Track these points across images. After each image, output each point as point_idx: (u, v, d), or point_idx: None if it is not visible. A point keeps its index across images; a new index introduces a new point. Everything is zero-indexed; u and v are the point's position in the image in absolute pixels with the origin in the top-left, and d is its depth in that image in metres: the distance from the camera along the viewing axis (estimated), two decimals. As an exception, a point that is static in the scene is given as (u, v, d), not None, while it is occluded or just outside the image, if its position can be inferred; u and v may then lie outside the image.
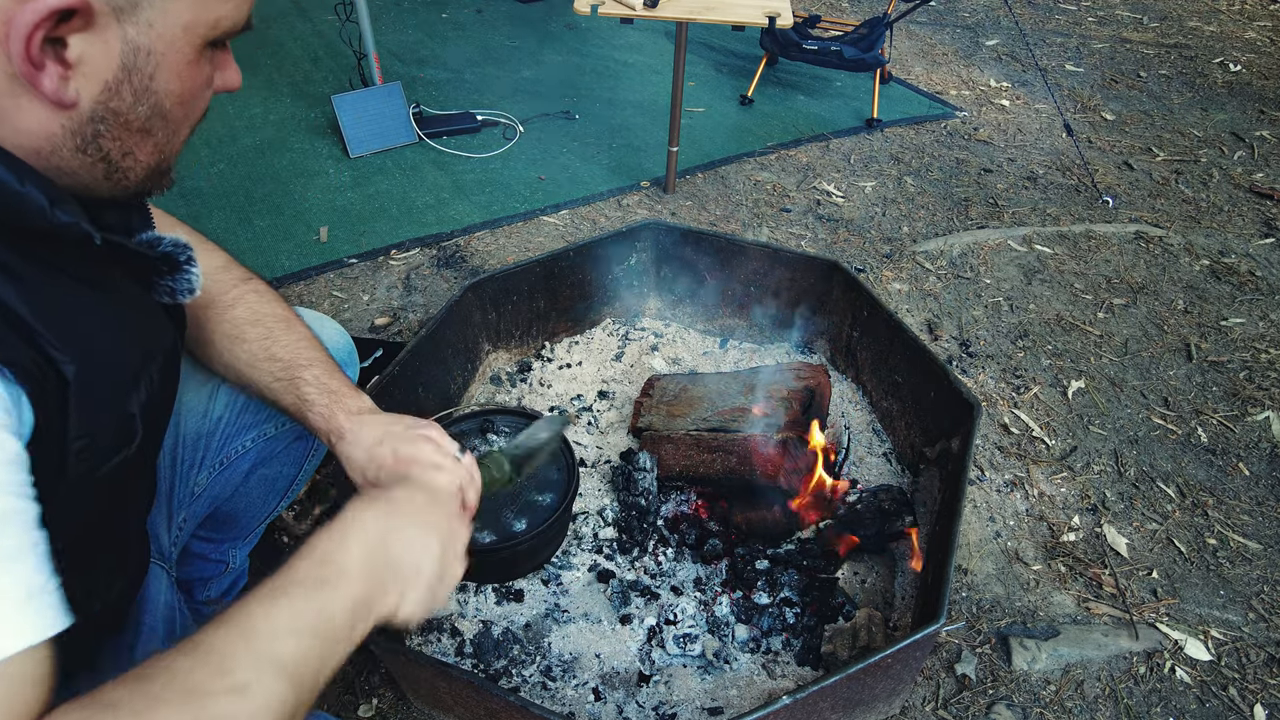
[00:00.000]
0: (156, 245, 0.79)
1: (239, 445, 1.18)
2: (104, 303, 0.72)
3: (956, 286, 2.67)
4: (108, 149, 0.67)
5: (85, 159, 0.66)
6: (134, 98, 0.65)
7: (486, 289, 2.03)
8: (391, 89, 3.33)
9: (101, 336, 0.70)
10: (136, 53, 0.63)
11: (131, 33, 0.62)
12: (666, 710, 1.47)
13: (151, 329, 0.82)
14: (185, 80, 0.68)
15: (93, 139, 0.65)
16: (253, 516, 1.30)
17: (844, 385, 2.16)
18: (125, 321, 0.76)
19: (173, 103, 0.68)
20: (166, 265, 0.80)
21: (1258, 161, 3.55)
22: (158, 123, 0.69)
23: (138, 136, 0.68)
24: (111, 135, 0.66)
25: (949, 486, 1.61)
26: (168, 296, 0.81)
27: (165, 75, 0.66)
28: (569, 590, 1.66)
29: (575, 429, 2.04)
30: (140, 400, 0.77)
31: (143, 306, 0.80)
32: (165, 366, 0.83)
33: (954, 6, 5.25)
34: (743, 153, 3.43)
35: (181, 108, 0.70)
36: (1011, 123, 3.80)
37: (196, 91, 0.70)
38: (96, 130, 0.65)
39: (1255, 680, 1.61)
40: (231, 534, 1.32)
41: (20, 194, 0.60)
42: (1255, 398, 2.28)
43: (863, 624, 1.53)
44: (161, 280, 0.80)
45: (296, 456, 1.27)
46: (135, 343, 0.77)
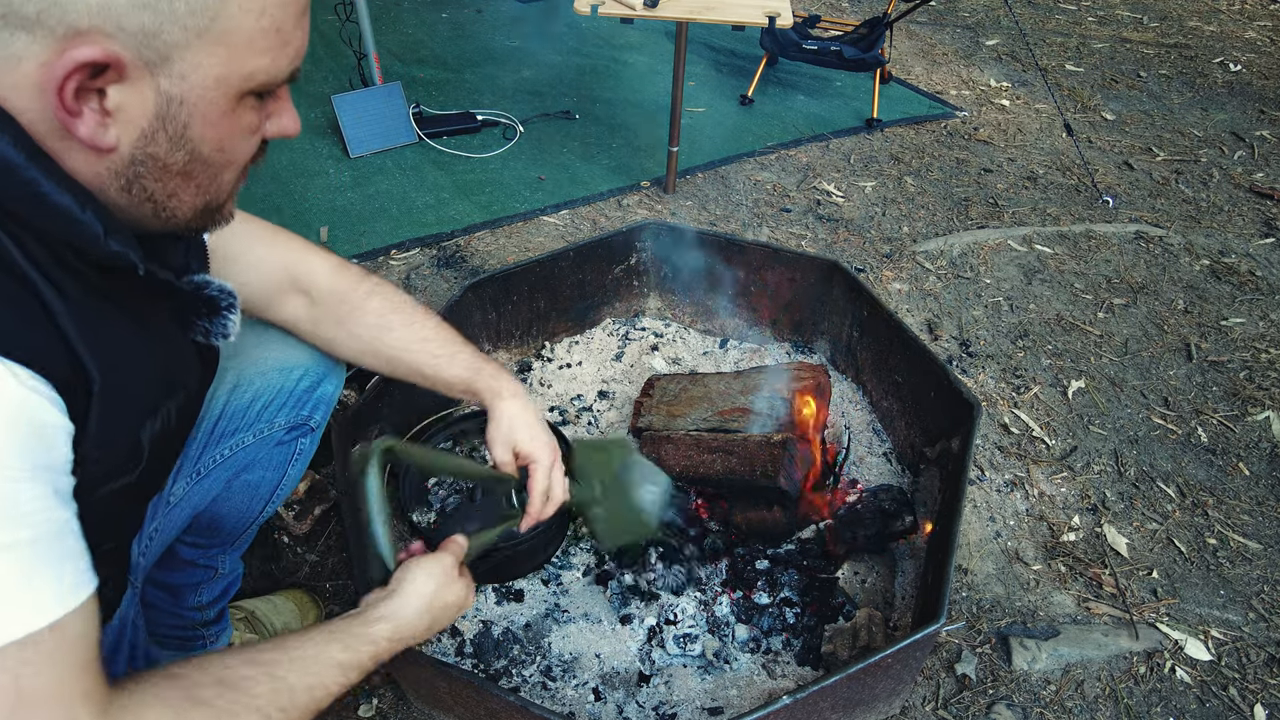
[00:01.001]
0: (204, 288, 0.84)
1: (215, 455, 1.17)
2: (140, 331, 0.77)
3: (956, 286, 2.67)
4: (151, 190, 0.70)
5: (131, 198, 0.70)
6: (170, 144, 0.68)
7: (486, 289, 2.03)
8: (391, 89, 3.33)
9: (131, 361, 0.74)
10: (170, 102, 0.66)
11: (165, 84, 0.65)
12: (667, 710, 1.47)
13: (180, 366, 0.86)
14: (220, 129, 0.71)
15: (135, 180, 0.69)
16: (237, 523, 1.29)
17: (844, 385, 2.16)
18: (155, 352, 0.80)
19: (210, 149, 0.71)
20: (207, 308, 0.85)
21: (1258, 161, 3.55)
22: (197, 167, 0.72)
23: (179, 179, 0.71)
24: (153, 177, 0.70)
25: (949, 486, 1.61)
26: (202, 336, 0.86)
27: (199, 124, 0.69)
28: (569, 590, 1.66)
29: (576, 429, 2.04)
30: (153, 430, 0.81)
31: (176, 344, 0.86)
32: (185, 406, 0.88)
33: (954, 6, 5.25)
34: (743, 153, 3.43)
35: (220, 154, 0.73)
36: (1011, 123, 3.80)
37: (234, 138, 0.73)
38: (137, 172, 0.69)
39: (1255, 680, 1.61)
40: (218, 540, 1.31)
41: (80, 220, 0.65)
42: (1255, 397, 2.28)
43: (863, 624, 1.53)
44: (199, 320, 0.85)
45: (279, 462, 1.26)
46: (161, 374, 0.81)
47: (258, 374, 1.19)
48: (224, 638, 1.45)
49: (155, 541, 1.13)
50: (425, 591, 1.01)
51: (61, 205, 0.65)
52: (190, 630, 1.37)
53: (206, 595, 1.36)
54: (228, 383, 1.16)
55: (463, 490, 1.82)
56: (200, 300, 0.84)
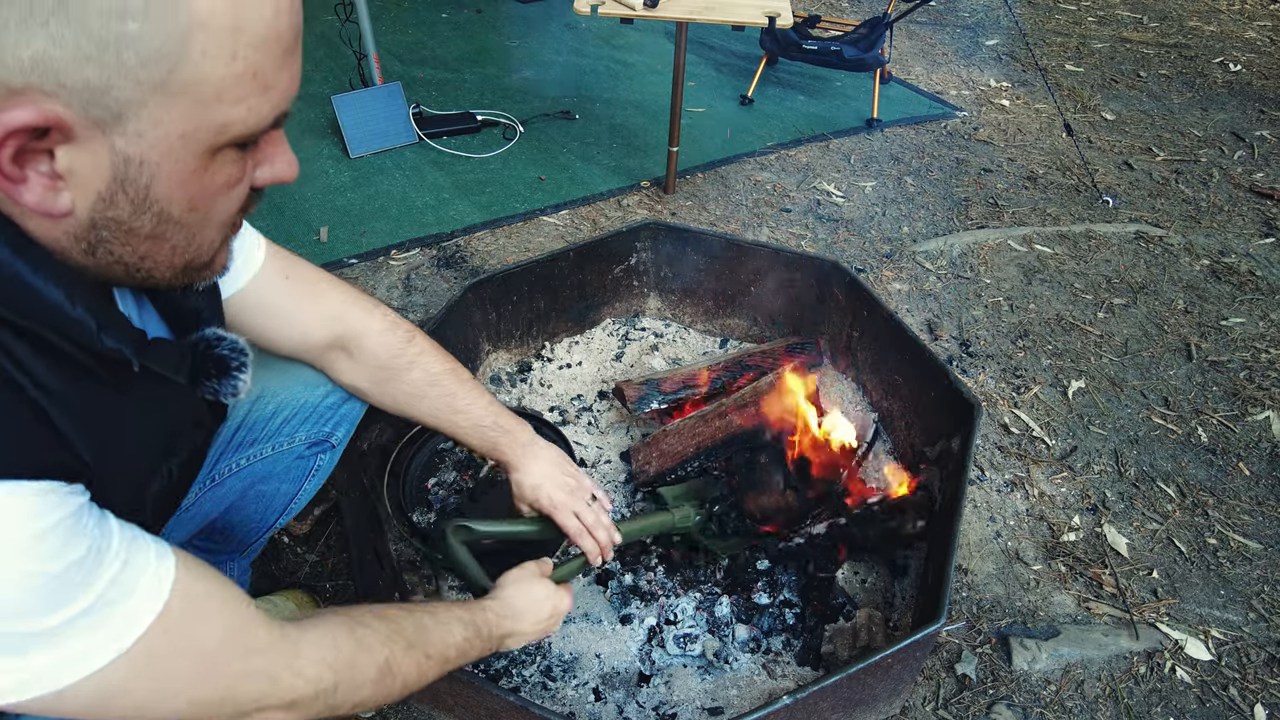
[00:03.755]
0: (215, 345, 0.80)
1: (231, 464, 1.17)
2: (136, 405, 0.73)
3: (956, 286, 2.67)
4: (119, 253, 0.64)
5: (97, 261, 0.64)
6: (132, 207, 0.61)
7: (486, 289, 2.03)
8: (391, 89, 3.33)
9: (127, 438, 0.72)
10: (128, 163, 0.58)
11: (120, 144, 0.57)
12: (667, 710, 1.47)
13: (184, 424, 0.84)
14: (190, 188, 0.63)
15: (99, 244, 0.62)
16: (250, 531, 1.28)
17: (844, 385, 2.16)
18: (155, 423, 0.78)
19: (180, 210, 0.64)
20: (216, 368, 0.80)
21: (1258, 161, 3.55)
22: (169, 229, 0.64)
23: (148, 243, 0.64)
24: (118, 241, 0.63)
25: (949, 486, 1.61)
26: (210, 395, 0.82)
27: (164, 184, 0.61)
28: (569, 590, 1.66)
29: (576, 429, 2.04)
30: (155, 489, 0.81)
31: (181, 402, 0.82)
32: (187, 462, 0.86)
33: (954, 6, 5.25)
34: (743, 153, 3.43)
35: (193, 214, 0.65)
36: (1011, 123, 3.80)
37: (209, 196, 0.65)
38: (100, 236, 0.62)
39: (1256, 680, 1.61)
40: (229, 547, 1.31)
41: (72, 318, 0.61)
42: (1255, 397, 2.28)
43: (863, 624, 1.53)
44: (208, 380, 0.80)
45: (297, 475, 1.25)
46: (160, 441, 0.80)
47: (283, 387, 1.19)
48: None
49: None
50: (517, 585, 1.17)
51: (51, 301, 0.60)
52: None
53: None
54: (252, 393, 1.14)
55: (463, 490, 1.82)
56: (210, 360, 0.80)
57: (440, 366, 1.24)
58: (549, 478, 1.31)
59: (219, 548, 1.30)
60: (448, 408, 1.25)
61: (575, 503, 1.31)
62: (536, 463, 1.31)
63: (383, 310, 1.20)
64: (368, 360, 1.18)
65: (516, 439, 1.31)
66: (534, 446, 1.32)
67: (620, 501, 1.86)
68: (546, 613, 1.17)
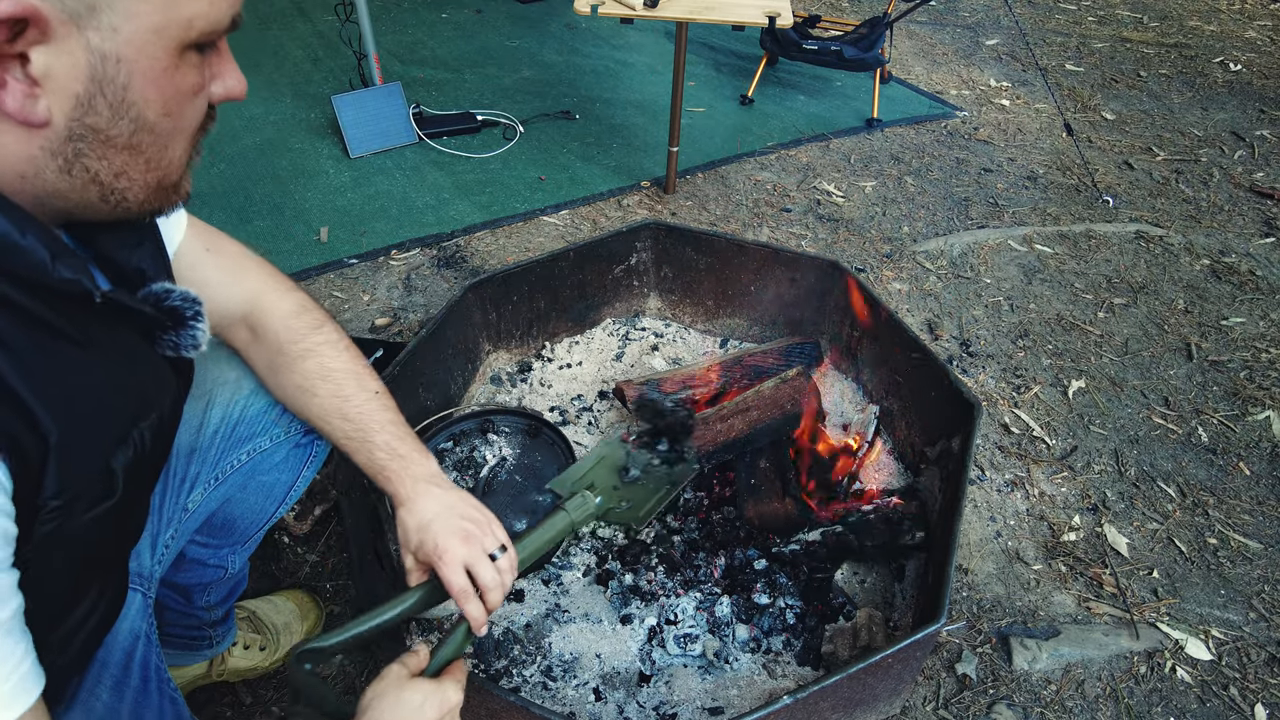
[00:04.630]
0: (165, 298, 0.76)
1: (234, 460, 1.16)
2: (98, 361, 0.69)
3: (956, 286, 2.67)
4: (95, 169, 0.63)
5: (74, 181, 0.63)
6: (111, 112, 0.61)
7: (487, 289, 2.03)
8: (391, 89, 3.33)
9: (90, 397, 0.68)
10: (105, 61, 0.58)
11: (95, 40, 0.57)
12: (667, 710, 1.47)
13: (149, 387, 0.79)
14: (165, 88, 0.63)
15: (76, 159, 0.61)
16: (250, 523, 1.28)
17: (844, 385, 2.16)
18: (119, 381, 0.73)
19: (156, 114, 0.64)
20: (171, 320, 0.77)
21: (1258, 161, 3.55)
22: (144, 137, 0.64)
23: (125, 154, 0.64)
24: (96, 154, 0.62)
25: (949, 486, 1.61)
26: (171, 350, 0.79)
27: (141, 83, 0.61)
28: (569, 590, 1.66)
29: (576, 429, 2.04)
30: (125, 458, 0.75)
31: (142, 362, 0.78)
32: (159, 426, 0.81)
33: (954, 6, 5.25)
34: (743, 153, 3.43)
35: (168, 119, 0.65)
36: (1011, 122, 3.80)
37: (182, 99, 0.65)
38: (78, 150, 0.61)
39: (1256, 680, 1.61)
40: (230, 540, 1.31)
41: (21, 247, 0.58)
42: (1256, 397, 2.28)
43: (863, 624, 1.53)
44: (165, 335, 0.77)
45: (294, 464, 1.25)
46: (127, 402, 0.75)
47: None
48: (229, 638, 1.45)
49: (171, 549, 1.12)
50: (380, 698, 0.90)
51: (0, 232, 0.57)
52: (198, 630, 1.37)
53: (215, 595, 1.35)
54: (245, 387, 1.14)
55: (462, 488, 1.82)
56: (163, 313, 0.76)
57: (341, 365, 1.10)
58: (438, 519, 1.04)
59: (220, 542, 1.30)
60: (336, 411, 1.08)
61: (471, 553, 1.03)
62: (427, 500, 1.06)
63: (299, 294, 1.11)
64: (268, 341, 1.08)
65: (411, 469, 1.07)
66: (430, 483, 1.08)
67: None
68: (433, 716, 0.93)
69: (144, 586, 1.04)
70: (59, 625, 0.78)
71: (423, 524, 1.05)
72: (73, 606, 0.80)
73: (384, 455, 1.08)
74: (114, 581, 0.91)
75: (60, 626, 0.78)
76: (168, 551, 1.11)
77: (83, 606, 0.82)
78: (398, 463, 1.08)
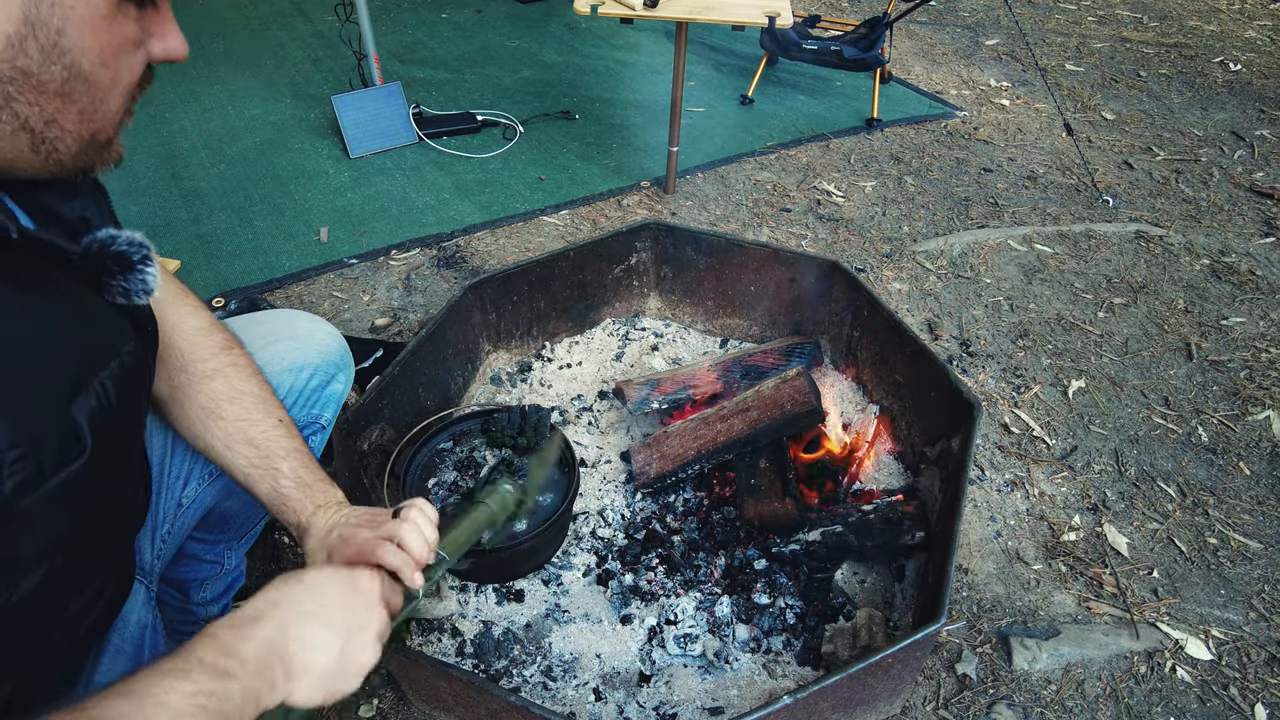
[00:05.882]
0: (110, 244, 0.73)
1: None
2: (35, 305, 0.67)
3: (956, 286, 2.67)
4: (25, 115, 0.61)
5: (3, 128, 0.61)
6: (42, 55, 0.59)
7: (487, 289, 2.03)
8: (391, 89, 3.33)
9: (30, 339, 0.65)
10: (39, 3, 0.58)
11: None
12: (667, 710, 1.47)
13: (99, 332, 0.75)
14: (101, 36, 0.62)
15: (4, 103, 0.60)
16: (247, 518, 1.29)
17: (844, 385, 2.16)
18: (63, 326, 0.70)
19: (91, 63, 0.62)
20: (118, 265, 0.74)
21: (1258, 161, 3.55)
22: (78, 86, 0.63)
23: (57, 101, 0.62)
24: (26, 100, 0.61)
25: (949, 486, 1.61)
26: (121, 297, 0.76)
27: (75, 30, 0.60)
28: (569, 590, 1.66)
29: (576, 429, 2.04)
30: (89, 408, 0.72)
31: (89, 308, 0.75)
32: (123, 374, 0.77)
33: (954, 6, 5.25)
34: (743, 153, 3.43)
35: (105, 69, 0.64)
36: (1011, 122, 3.80)
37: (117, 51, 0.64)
38: (7, 93, 0.59)
39: (1256, 680, 1.61)
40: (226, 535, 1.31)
41: None
42: (1256, 397, 2.28)
43: (863, 624, 1.53)
44: (113, 281, 0.75)
45: None
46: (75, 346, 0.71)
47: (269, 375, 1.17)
48: None
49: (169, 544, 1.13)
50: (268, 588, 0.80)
51: None
52: (194, 627, 1.37)
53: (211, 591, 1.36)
54: None
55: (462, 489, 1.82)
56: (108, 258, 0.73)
57: (250, 389, 1.04)
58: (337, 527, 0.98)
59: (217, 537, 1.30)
60: (242, 435, 1.01)
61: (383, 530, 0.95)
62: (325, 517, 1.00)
63: (207, 314, 1.06)
64: (171, 359, 1.01)
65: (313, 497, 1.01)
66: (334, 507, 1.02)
67: (620, 502, 1.86)
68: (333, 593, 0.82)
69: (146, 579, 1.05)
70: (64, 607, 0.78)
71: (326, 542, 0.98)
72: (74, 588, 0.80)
73: (290, 483, 1.01)
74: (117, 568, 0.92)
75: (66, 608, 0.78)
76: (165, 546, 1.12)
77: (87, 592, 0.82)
78: (303, 491, 1.01)
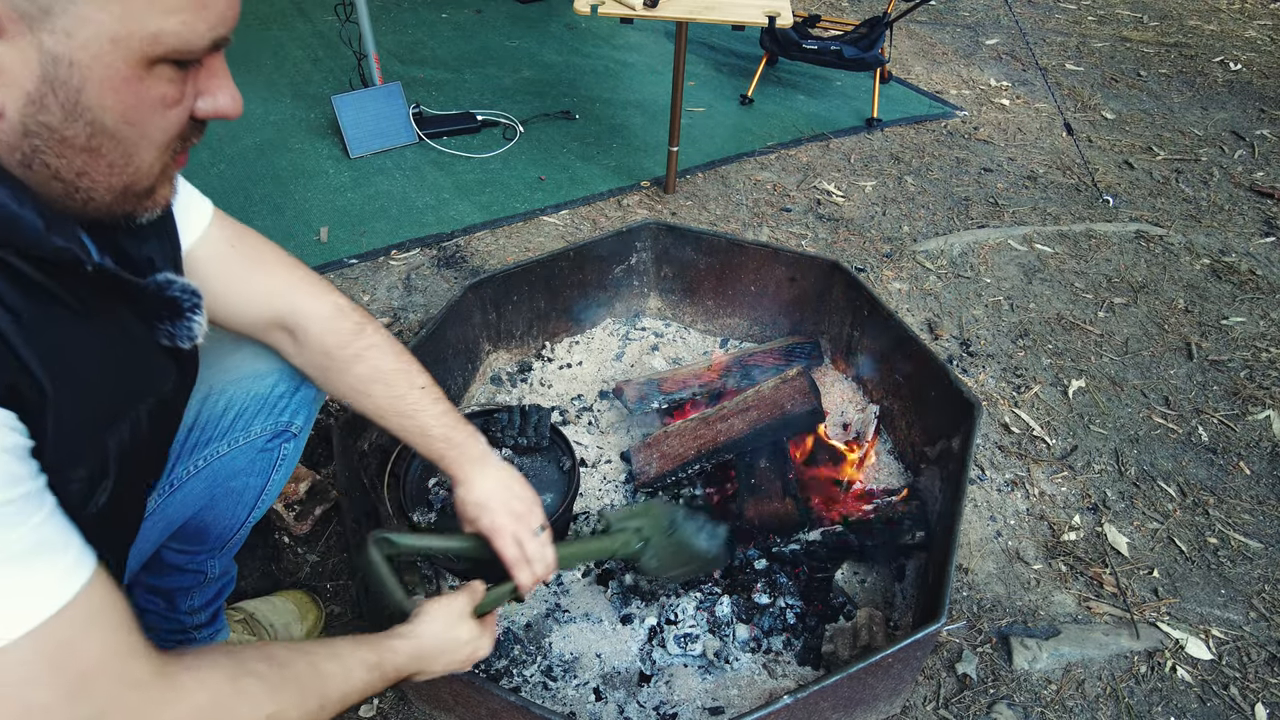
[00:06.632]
0: (166, 288, 0.77)
1: (189, 466, 1.15)
2: (95, 333, 0.71)
3: (957, 286, 2.67)
4: (55, 166, 0.63)
5: (34, 175, 0.63)
6: (64, 113, 0.61)
7: (487, 289, 2.03)
8: (391, 89, 3.33)
9: (84, 363, 0.69)
10: (56, 63, 0.58)
11: (48, 42, 0.58)
12: (667, 710, 1.47)
13: (145, 370, 0.80)
14: (125, 98, 0.62)
15: (34, 154, 0.62)
16: (224, 529, 1.27)
17: (844, 385, 2.16)
18: (115, 355, 0.74)
19: (114, 120, 0.63)
20: (169, 310, 0.79)
21: (1258, 160, 3.55)
22: (104, 141, 0.64)
23: (84, 155, 0.64)
24: (53, 152, 0.62)
25: (949, 486, 1.61)
26: (167, 340, 0.80)
27: (96, 90, 0.61)
28: (570, 590, 1.66)
29: (576, 429, 2.04)
30: (119, 439, 0.76)
31: (140, 345, 0.79)
32: (157, 412, 0.82)
33: (954, 6, 5.25)
34: (743, 153, 3.43)
35: (130, 127, 0.64)
36: (1011, 122, 3.80)
37: (147, 110, 0.65)
38: (34, 145, 0.61)
39: (1256, 679, 1.61)
40: (205, 546, 1.29)
41: (16, 215, 0.60)
42: (1256, 396, 2.28)
43: (864, 623, 1.53)
44: (162, 324, 0.79)
45: (263, 467, 1.24)
46: (122, 378, 0.75)
47: (230, 382, 1.16)
48: (218, 639, 1.43)
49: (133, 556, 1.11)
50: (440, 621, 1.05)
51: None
52: (182, 634, 1.36)
53: (199, 599, 1.34)
54: (200, 392, 1.11)
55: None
56: (162, 302, 0.78)
57: (390, 364, 1.16)
58: (494, 497, 1.18)
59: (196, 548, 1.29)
60: (393, 410, 1.16)
61: (520, 528, 1.18)
62: (484, 480, 1.20)
63: (334, 296, 1.14)
64: (312, 347, 1.12)
65: (465, 453, 1.20)
66: (484, 464, 1.21)
67: (620, 502, 1.86)
68: (462, 657, 1.07)
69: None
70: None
71: (479, 501, 1.18)
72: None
73: (441, 444, 1.18)
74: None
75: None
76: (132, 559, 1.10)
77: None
78: (454, 450, 1.19)
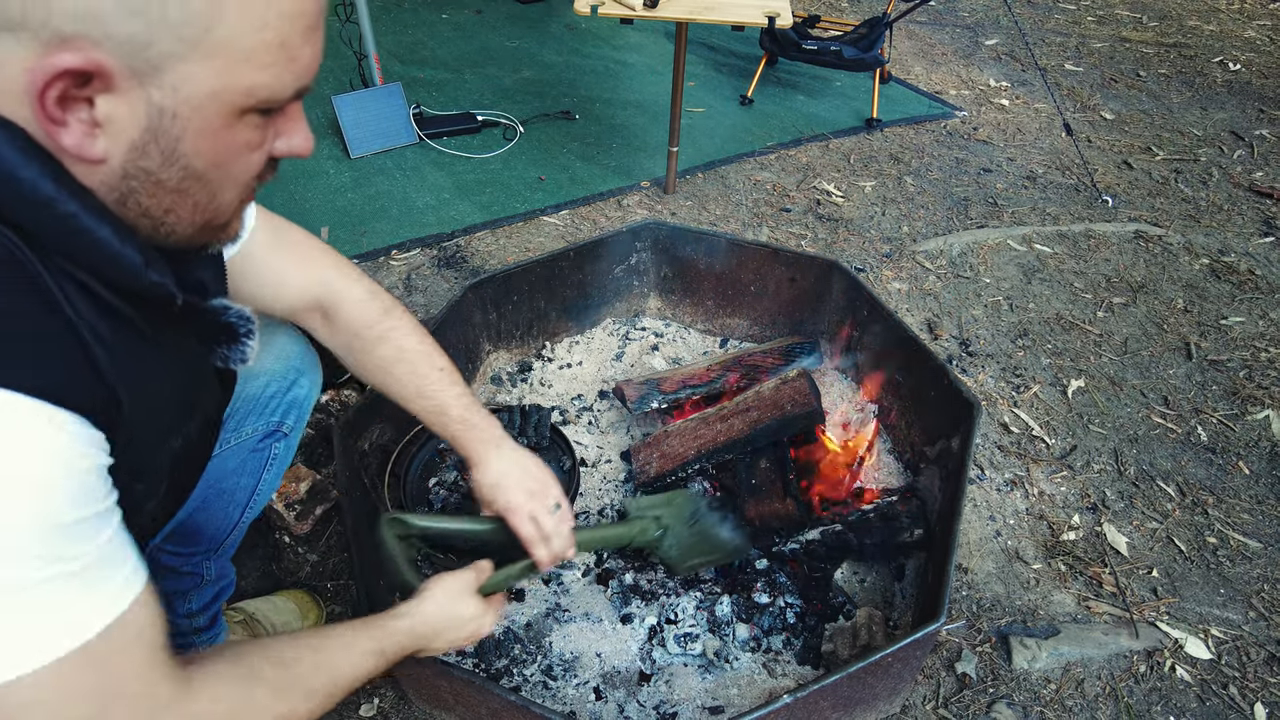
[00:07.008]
0: (222, 314, 0.85)
1: None
2: (164, 359, 0.78)
3: (956, 286, 2.67)
4: (146, 205, 0.68)
5: (127, 212, 0.68)
6: (162, 158, 0.66)
7: (487, 289, 2.04)
8: (391, 89, 3.33)
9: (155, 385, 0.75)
10: (161, 115, 0.63)
11: (156, 96, 0.62)
12: (667, 709, 1.47)
13: (199, 388, 0.88)
14: (217, 145, 0.68)
15: (129, 194, 0.67)
16: (217, 530, 1.27)
17: (844, 385, 2.16)
18: (178, 378, 0.81)
19: (205, 165, 0.68)
20: (225, 335, 0.86)
21: (1257, 160, 3.56)
22: (193, 184, 0.69)
23: (174, 196, 0.69)
24: (147, 193, 0.67)
25: (949, 485, 1.62)
26: (220, 361, 0.87)
27: (193, 138, 0.66)
28: (570, 590, 1.66)
29: (576, 429, 2.04)
30: (172, 450, 0.82)
31: (197, 366, 0.87)
32: (204, 427, 0.89)
33: (954, 6, 5.25)
34: (743, 153, 3.43)
35: (217, 170, 0.70)
36: (1011, 122, 3.81)
37: (232, 155, 0.70)
38: (131, 187, 0.66)
39: (1256, 679, 1.61)
40: (200, 548, 1.29)
41: (119, 254, 0.65)
42: (1255, 396, 2.28)
43: (863, 623, 1.53)
44: (218, 346, 0.87)
45: (254, 467, 1.25)
46: (182, 398, 0.83)
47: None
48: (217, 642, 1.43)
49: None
50: (441, 598, 1.08)
51: (102, 239, 0.64)
52: (181, 638, 1.35)
53: (196, 602, 1.34)
54: None
55: (462, 489, 1.82)
56: (220, 327, 0.85)
57: (413, 346, 1.21)
58: (509, 476, 1.23)
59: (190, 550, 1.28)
60: (414, 390, 1.21)
61: (536, 506, 1.22)
62: (499, 461, 1.24)
63: (366, 281, 1.20)
64: (342, 327, 1.18)
65: (481, 434, 1.24)
66: (499, 445, 1.25)
67: (620, 501, 1.86)
68: (465, 634, 1.10)
69: None
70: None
71: (494, 482, 1.22)
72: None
73: (458, 426, 1.23)
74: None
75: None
76: None
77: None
78: (471, 431, 1.23)
